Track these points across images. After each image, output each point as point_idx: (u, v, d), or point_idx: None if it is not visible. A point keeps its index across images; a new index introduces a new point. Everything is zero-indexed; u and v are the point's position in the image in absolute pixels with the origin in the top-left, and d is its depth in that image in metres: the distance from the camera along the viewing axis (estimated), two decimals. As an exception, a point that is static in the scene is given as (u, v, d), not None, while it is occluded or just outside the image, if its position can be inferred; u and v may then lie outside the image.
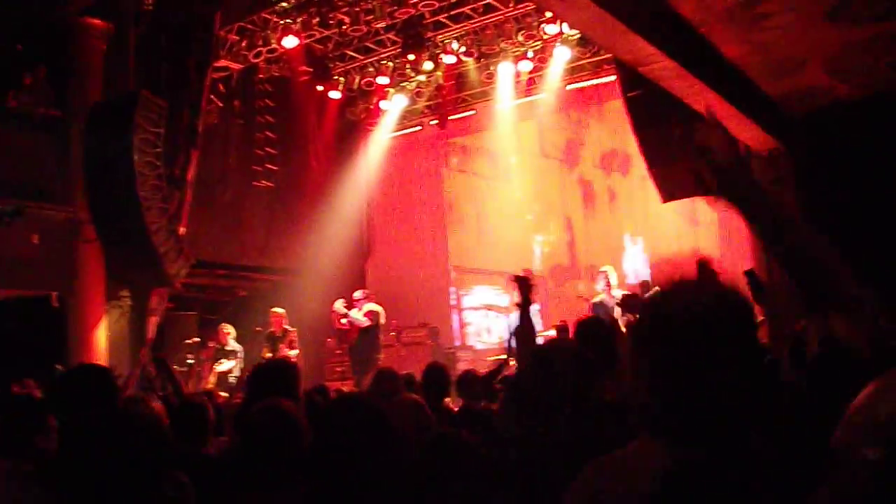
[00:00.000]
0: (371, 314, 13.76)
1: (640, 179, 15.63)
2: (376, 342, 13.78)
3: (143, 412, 4.74)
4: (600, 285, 12.96)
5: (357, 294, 14.09)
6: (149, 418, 4.72)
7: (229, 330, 13.91)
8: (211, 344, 14.09)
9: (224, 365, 13.50)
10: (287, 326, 14.06)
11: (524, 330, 5.40)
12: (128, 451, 3.14)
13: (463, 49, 15.37)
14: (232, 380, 13.43)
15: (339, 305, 13.87)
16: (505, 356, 10.62)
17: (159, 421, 4.91)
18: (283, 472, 3.41)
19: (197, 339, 14.31)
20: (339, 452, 3.01)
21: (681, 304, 1.99)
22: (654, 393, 1.95)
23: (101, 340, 12.42)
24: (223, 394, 12.17)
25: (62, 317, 12.37)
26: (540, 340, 5.82)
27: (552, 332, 13.42)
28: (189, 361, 13.94)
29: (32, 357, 10.15)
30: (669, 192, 12.24)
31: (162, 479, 4.17)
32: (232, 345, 13.72)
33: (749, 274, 6.08)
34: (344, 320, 13.86)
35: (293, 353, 13.79)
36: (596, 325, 5.53)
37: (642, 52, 7.14)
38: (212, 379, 13.48)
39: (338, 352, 15.60)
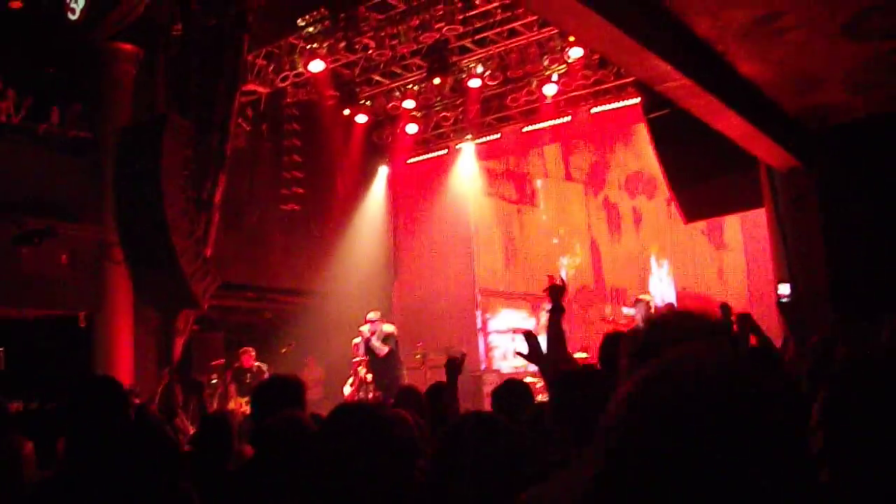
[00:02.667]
0: (389, 338, 13.85)
1: (665, 202, 15.67)
2: (397, 361, 13.91)
3: (153, 422, 4.79)
4: (640, 314, 12.68)
5: (371, 315, 14.12)
6: (158, 429, 4.76)
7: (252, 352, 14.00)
8: (236, 364, 14.17)
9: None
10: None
11: (555, 338, 5.37)
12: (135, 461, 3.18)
13: (488, 73, 15.49)
14: None
15: (366, 330, 13.98)
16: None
17: (167, 433, 4.94)
18: (297, 482, 3.41)
19: (222, 361, 14.39)
20: (335, 457, 3.04)
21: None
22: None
23: (127, 361, 12.53)
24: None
25: (89, 337, 12.52)
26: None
27: (582, 355, 13.40)
28: (213, 382, 14.02)
29: (59, 376, 10.27)
30: (692, 212, 12.26)
31: (170, 488, 4.23)
32: (263, 366, 13.78)
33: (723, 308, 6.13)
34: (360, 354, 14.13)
35: (371, 376, 13.99)
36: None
37: (658, 70, 7.16)
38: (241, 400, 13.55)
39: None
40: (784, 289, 9.73)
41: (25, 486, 4.21)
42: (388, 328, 14.06)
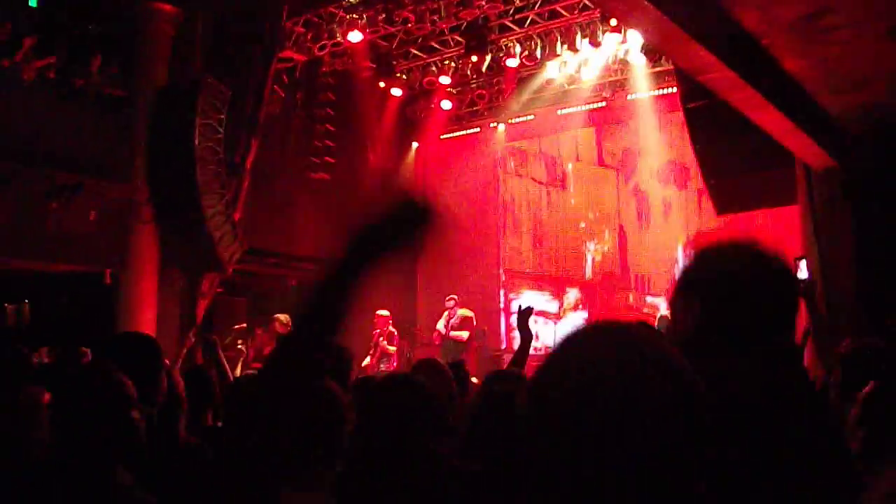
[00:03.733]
0: (467, 322, 14.10)
1: (696, 193, 15.60)
2: (468, 345, 14.22)
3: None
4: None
5: (448, 302, 14.49)
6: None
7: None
8: (259, 331, 14.19)
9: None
10: (391, 327, 14.36)
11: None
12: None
13: (526, 53, 15.39)
14: None
15: (441, 326, 14.30)
16: None
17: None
18: (324, 453, 3.37)
19: (244, 325, 14.42)
20: (378, 428, 3.00)
21: (733, 260, 2.05)
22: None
23: (150, 321, 12.56)
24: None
25: (113, 294, 12.56)
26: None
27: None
28: (239, 347, 14.05)
29: (81, 331, 10.30)
30: (725, 204, 12.17)
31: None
32: None
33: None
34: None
35: (392, 348, 14.17)
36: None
37: (701, 61, 7.09)
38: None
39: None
40: (802, 268, 9.66)
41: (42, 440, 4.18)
42: (466, 313, 14.33)
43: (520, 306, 6.27)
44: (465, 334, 14.12)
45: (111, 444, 2.91)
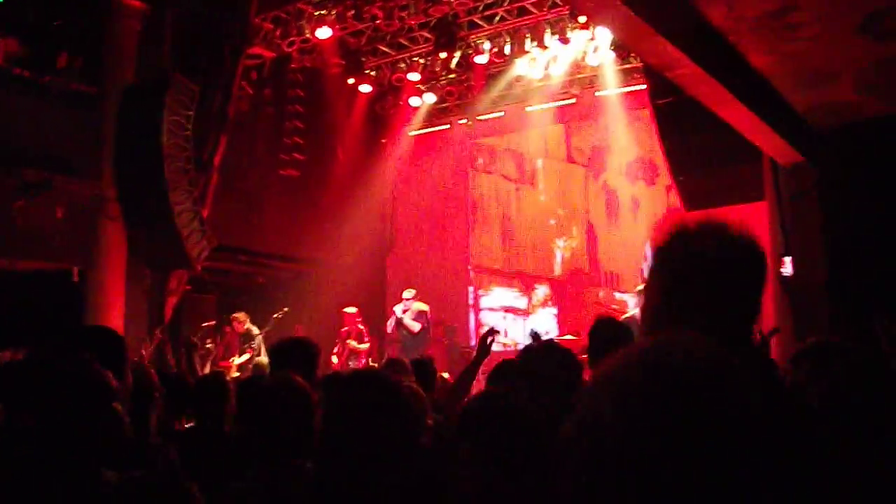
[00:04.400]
0: (421, 316, 14.10)
1: (664, 189, 15.67)
2: (428, 338, 14.22)
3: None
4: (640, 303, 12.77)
5: (407, 294, 14.50)
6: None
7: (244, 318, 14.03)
8: (227, 329, 14.17)
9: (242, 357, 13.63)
10: (360, 325, 14.35)
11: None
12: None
13: (495, 50, 15.40)
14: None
15: (399, 309, 14.25)
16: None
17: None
18: (289, 447, 3.35)
19: (213, 323, 14.38)
20: (350, 426, 2.97)
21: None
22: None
23: (118, 318, 12.47)
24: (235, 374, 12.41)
25: (80, 292, 12.45)
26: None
27: (570, 337, 13.55)
28: (208, 346, 14.01)
29: (48, 329, 10.22)
30: (693, 200, 12.23)
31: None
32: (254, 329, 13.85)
33: None
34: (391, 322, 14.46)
35: (363, 346, 14.18)
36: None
37: (669, 57, 7.10)
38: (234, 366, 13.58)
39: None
40: (787, 264, 9.73)
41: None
42: (421, 306, 14.34)
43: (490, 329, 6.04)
44: (416, 326, 14.12)
45: (97, 440, 2.82)
